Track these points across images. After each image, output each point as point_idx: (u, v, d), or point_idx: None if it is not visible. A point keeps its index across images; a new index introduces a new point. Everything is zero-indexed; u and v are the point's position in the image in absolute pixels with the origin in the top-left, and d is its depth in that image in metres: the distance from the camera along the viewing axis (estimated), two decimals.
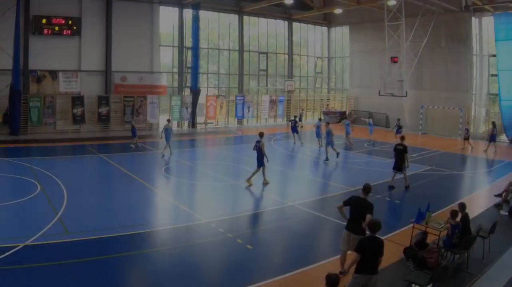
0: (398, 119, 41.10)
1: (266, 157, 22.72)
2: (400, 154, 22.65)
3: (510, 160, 33.51)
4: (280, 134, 43.32)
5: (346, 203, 12.58)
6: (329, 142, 30.61)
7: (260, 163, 22.63)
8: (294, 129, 38.61)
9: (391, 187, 22.62)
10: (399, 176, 23.04)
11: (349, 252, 12.26)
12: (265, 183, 22.76)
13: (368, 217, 11.39)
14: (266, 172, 22.84)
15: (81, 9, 42.28)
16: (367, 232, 10.51)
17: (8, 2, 37.74)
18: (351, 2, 47.35)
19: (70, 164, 28.11)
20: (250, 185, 22.45)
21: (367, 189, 12.75)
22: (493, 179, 26.95)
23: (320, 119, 41.02)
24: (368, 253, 9.80)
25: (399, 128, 38.26)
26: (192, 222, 16.58)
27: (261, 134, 23.10)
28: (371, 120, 42.25)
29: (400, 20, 40.70)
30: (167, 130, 32.25)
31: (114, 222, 16.21)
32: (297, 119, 40.82)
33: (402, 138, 23.67)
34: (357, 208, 12.19)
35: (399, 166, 22.69)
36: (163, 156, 30.92)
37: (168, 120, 34.59)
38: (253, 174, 22.63)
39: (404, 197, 21.83)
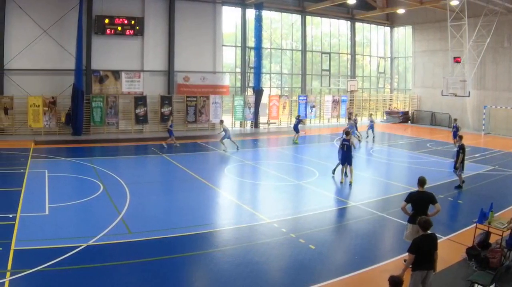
0: (455, 120, 34.98)
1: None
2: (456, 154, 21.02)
3: None
4: (342, 134, 38.10)
5: (408, 200, 12.01)
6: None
7: (349, 160, 21.16)
8: (296, 127, 35.56)
9: (457, 187, 20.83)
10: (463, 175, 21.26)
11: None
12: (343, 181, 21.23)
13: (437, 206, 11.56)
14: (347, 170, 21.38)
15: (144, 9, 39.19)
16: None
17: (71, 2, 35.41)
18: (414, 2, 43.63)
19: (132, 164, 26.63)
20: (342, 181, 21.20)
21: (422, 181, 12.20)
22: None
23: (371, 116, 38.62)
24: (423, 250, 9.22)
25: (456, 130, 32.35)
26: (255, 222, 15.53)
27: (347, 133, 21.61)
28: (372, 122, 36.92)
29: (463, 20, 38.71)
30: (227, 131, 31.14)
31: (177, 222, 15.35)
32: (301, 118, 38.99)
33: (461, 138, 21.73)
34: (420, 201, 11.80)
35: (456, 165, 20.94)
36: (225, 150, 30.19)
37: (222, 121, 33.11)
38: (343, 172, 21.31)
39: (467, 197, 19.95)
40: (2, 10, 34.65)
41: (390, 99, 56.42)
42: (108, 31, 37.55)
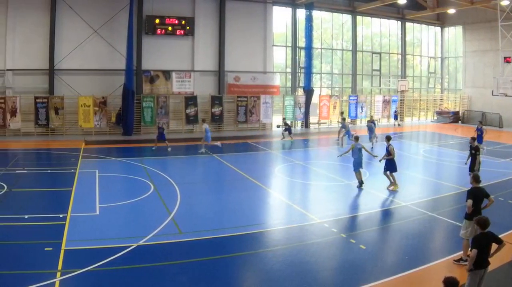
0: (480, 123, 29.06)
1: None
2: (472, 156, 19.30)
3: None
4: (393, 134, 36.26)
5: (471, 197, 10.96)
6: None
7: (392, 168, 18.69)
8: (289, 129, 33.00)
9: None
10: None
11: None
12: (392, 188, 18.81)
13: (491, 199, 11.22)
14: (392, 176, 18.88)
15: (194, 9, 36.23)
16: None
17: (121, 2, 32.98)
18: (464, 2, 40.31)
19: (183, 164, 24.95)
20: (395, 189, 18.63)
21: (478, 178, 11.44)
22: None
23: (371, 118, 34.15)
24: (482, 249, 8.61)
25: (481, 133, 27.32)
26: (306, 222, 14.47)
27: (388, 138, 19.27)
28: (372, 125, 31.08)
29: None
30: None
31: (227, 222, 14.41)
32: (287, 121, 35.05)
33: (474, 139, 19.61)
34: (477, 198, 11.04)
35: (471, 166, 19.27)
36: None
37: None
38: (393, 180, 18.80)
39: None
40: (53, 10, 32.42)
41: (441, 99, 52.02)
42: (158, 31, 34.83)
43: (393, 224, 14.78)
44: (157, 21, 34.49)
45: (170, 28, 34.93)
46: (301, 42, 40.32)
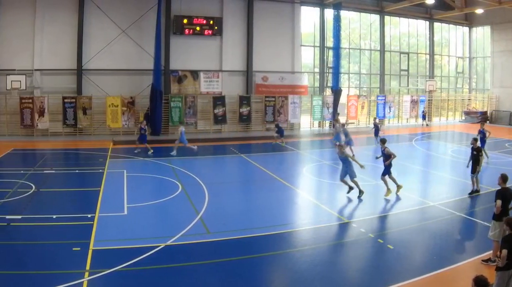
0: (482, 124, 26.40)
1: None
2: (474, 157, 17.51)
3: None
4: (421, 134, 35.80)
5: (501, 198, 10.42)
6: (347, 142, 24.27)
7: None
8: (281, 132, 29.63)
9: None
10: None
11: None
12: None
13: (498, 202, 10.36)
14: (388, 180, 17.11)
15: (222, 9, 34.38)
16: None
17: (149, 2, 31.33)
18: (492, 2, 37.86)
19: (211, 164, 24.05)
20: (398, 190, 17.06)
21: (506, 178, 10.89)
22: None
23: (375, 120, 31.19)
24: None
25: (483, 136, 24.16)
26: (334, 222, 13.83)
27: (383, 141, 17.82)
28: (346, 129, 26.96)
29: None
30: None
31: (255, 222, 13.65)
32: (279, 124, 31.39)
33: (476, 140, 17.71)
34: (506, 198, 10.47)
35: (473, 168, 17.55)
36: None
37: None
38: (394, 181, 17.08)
39: None
40: (81, 10, 31.03)
41: (469, 99, 49.32)
42: (186, 31, 33.09)
43: (421, 224, 14.00)
44: (185, 21, 32.81)
45: (198, 28, 33.23)
46: (329, 42, 38.29)
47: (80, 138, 30.43)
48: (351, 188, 16.48)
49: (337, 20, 36.63)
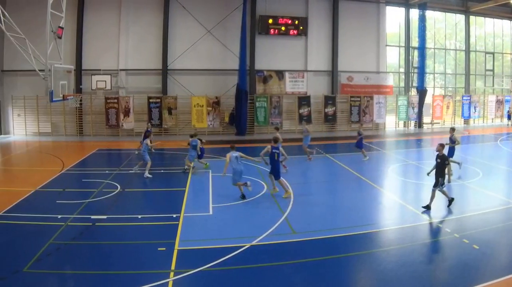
0: (452, 130, 20.03)
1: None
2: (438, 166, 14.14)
3: None
4: (506, 134, 33.49)
5: None
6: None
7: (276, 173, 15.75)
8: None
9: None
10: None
11: None
12: None
13: None
14: None
15: (308, 9, 31.68)
16: None
17: (234, 2, 29.21)
18: None
19: (296, 164, 21.85)
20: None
21: None
22: None
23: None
24: None
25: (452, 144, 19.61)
26: (419, 222, 12.84)
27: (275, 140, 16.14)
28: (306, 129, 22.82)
29: None
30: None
31: (340, 222, 12.78)
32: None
33: (442, 146, 14.46)
34: None
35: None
36: None
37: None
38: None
39: None
40: (166, 10, 29.06)
41: None
42: (271, 31, 30.54)
43: (507, 224, 13.11)
44: (270, 21, 30.09)
45: (283, 28, 30.45)
46: (414, 42, 34.67)
47: (165, 138, 28.06)
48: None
49: (422, 20, 32.93)
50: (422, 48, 33.93)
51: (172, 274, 9.30)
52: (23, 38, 18.89)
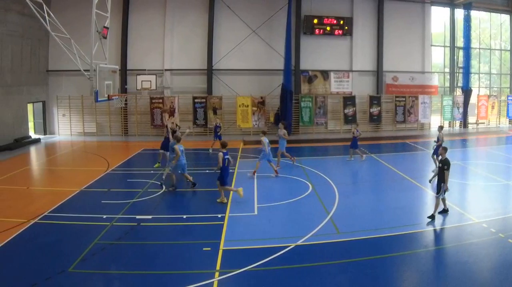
0: (440, 128, 20.69)
1: None
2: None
3: None
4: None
5: None
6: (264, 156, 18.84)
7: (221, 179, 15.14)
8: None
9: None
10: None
11: None
12: None
13: None
14: None
15: (352, 9, 31.14)
16: None
17: (279, 2, 28.85)
18: None
19: (341, 164, 22.18)
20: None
21: None
22: None
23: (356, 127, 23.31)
24: None
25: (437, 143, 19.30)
26: (464, 222, 12.60)
27: (223, 145, 15.45)
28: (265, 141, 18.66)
29: None
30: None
31: (385, 222, 12.50)
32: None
33: (445, 150, 13.19)
34: None
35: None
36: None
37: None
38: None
39: None
40: (211, 10, 28.84)
41: None
42: (316, 31, 30.05)
43: None
44: (315, 21, 29.61)
45: (328, 28, 29.93)
46: (459, 42, 33.97)
47: (210, 138, 27.23)
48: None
49: (467, 20, 32.14)
50: (467, 48, 33.24)
51: (217, 274, 9.33)
52: (68, 38, 18.49)
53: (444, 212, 12.95)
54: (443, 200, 12.93)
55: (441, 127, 19.81)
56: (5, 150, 23.79)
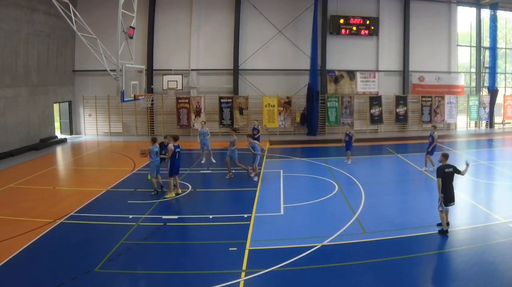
0: (434, 127, 21.23)
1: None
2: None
3: None
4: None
5: None
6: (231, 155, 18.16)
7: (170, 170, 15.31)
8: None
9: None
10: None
11: None
12: None
13: None
14: None
15: (379, 9, 30.73)
16: None
17: (306, 2, 28.61)
18: None
19: (367, 164, 22.19)
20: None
21: None
22: None
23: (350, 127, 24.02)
24: None
25: (432, 142, 19.61)
26: (490, 222, 12.42)
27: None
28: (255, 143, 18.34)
29: None
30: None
31: (411, 222, 12.41)
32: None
33: (445, 157, 12.28)
34: None
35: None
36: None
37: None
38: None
39: None
40: (238, 10, 28.66)
41: None
42: (343, 31, 29.73)
43: None
44: (341, 21, 29.28)
45: (354, 28, 29.62)
46: (486, 42, 33.50)
47: (237, 138, 29.15)
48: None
49: (493, 20, 31.63)
50: (493, 48, 32.74)
51: (243, 274, 9.32)
52: (94, 38, 18.38)
53: (445, 232, 11.38)
54: (446, 214, 11.54)
55: (434, 127, 19.96)
56: (31, 149, 23.81)
